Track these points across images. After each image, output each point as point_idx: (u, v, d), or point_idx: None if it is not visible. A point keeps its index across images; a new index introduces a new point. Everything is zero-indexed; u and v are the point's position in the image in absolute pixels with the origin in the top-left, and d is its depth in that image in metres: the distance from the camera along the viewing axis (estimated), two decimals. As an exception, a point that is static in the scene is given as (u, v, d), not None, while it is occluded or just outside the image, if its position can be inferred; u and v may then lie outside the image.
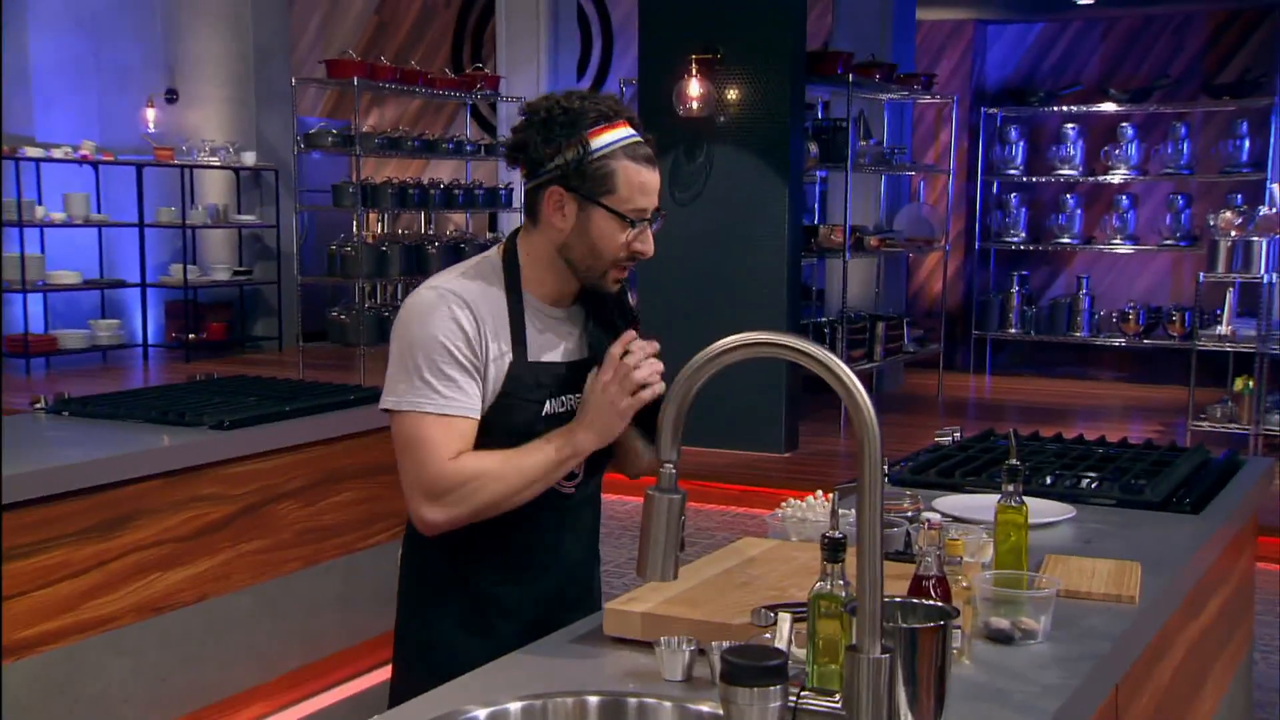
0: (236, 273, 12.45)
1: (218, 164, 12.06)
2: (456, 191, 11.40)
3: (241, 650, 4.08)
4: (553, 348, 2.48)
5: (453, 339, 2.37)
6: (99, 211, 11.43)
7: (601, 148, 2.36)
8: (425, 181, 11.31)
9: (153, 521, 3.76)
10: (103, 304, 11.84)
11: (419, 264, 10.75)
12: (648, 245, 2.42)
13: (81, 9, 11.40)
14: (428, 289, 2.44)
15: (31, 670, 3.48)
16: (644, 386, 2.38)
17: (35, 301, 11.13)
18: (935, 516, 2.16)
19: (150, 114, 11.95)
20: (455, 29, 15.33)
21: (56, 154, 10.88)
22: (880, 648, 1.55)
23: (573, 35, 12.56)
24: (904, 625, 1.68)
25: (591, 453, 2.47)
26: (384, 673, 4.57)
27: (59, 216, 10.97)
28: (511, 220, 12.08)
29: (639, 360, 2.38)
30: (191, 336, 11.89)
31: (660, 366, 2.41)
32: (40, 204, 10.91)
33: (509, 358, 2.41)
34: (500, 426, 2.41)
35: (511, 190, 11.92)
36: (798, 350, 1.62)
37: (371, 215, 10.80)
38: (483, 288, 2.44)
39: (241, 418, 4.09)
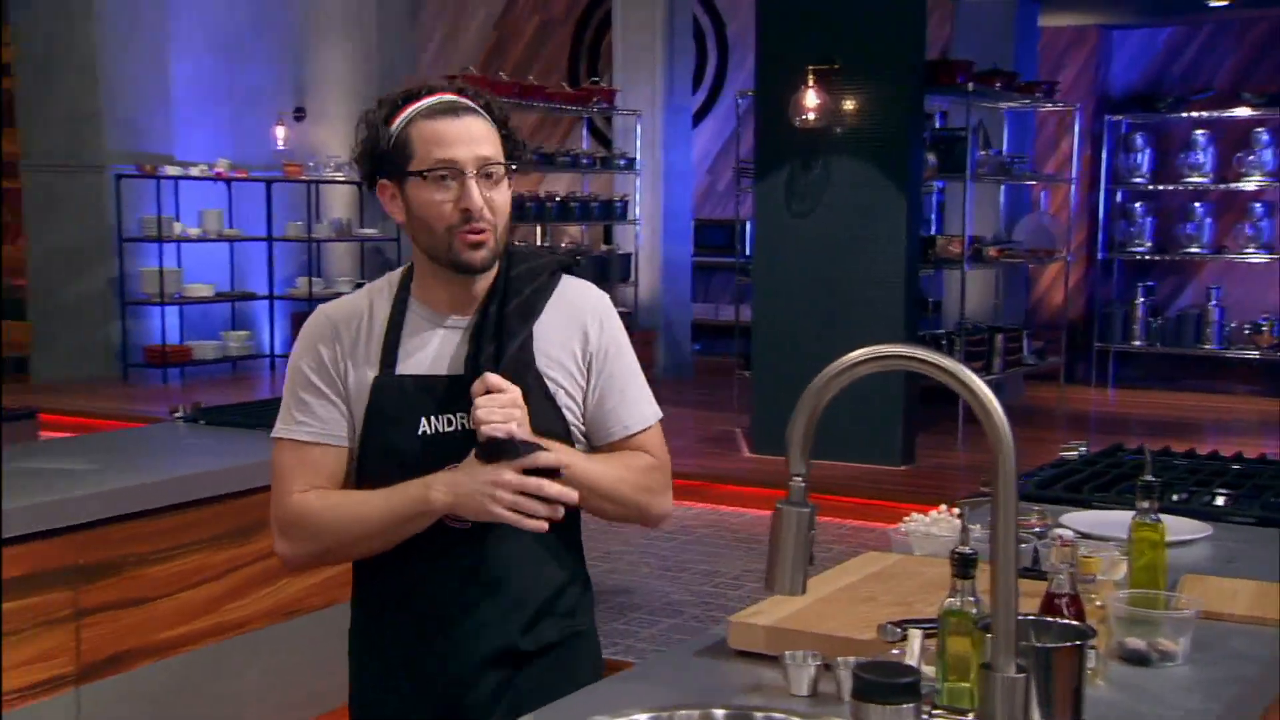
0: (358, 284, 12.56)
1: (342, 179, 12.24)
2: (573, 204, 11.44)
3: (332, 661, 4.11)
4: (432, 360, 2.22)
5: (308, 361, 2.24)
6: (231, 226, 11.66)
7: (399, 125, 2.17)
8: (542, 194, 11.36)
9: (277, 531, 3.84)
10: (233, 316, 12.07)
11: (537, 275, 10.77)
12: (472, 199, 2.12)
13: (218, 33, 11.65)
14: (321, 307, 2.32)
15: (172, 670, 3.56)
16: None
17: (172, 314, 11.37)
18: (1068, 533, 2.11)
19: (280, 131, 12.17)
20: (572, 44, 15.41)
21: (194, 171, 11.13)
22: (1015, 667, 1.51)
23: (688, 48, 12.56)
24: (1039, 644, 1.64)
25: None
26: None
27: (195, 232, 11.24)
28: (627, 232, 12.09)
29: (488, 410, 2.07)
30: (318, 348, 12.06)
31: (514, 415, 2.08)
32: (178, 220, 11.16)
33: (374, 374, 2.20)
34: (377, 450, 2.21)
35: (627, 202, 11.94)
36: (929, 363, 1.58)
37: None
38: (368, 303, 2.26)
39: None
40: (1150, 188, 12.11)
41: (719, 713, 1.87)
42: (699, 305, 13.18)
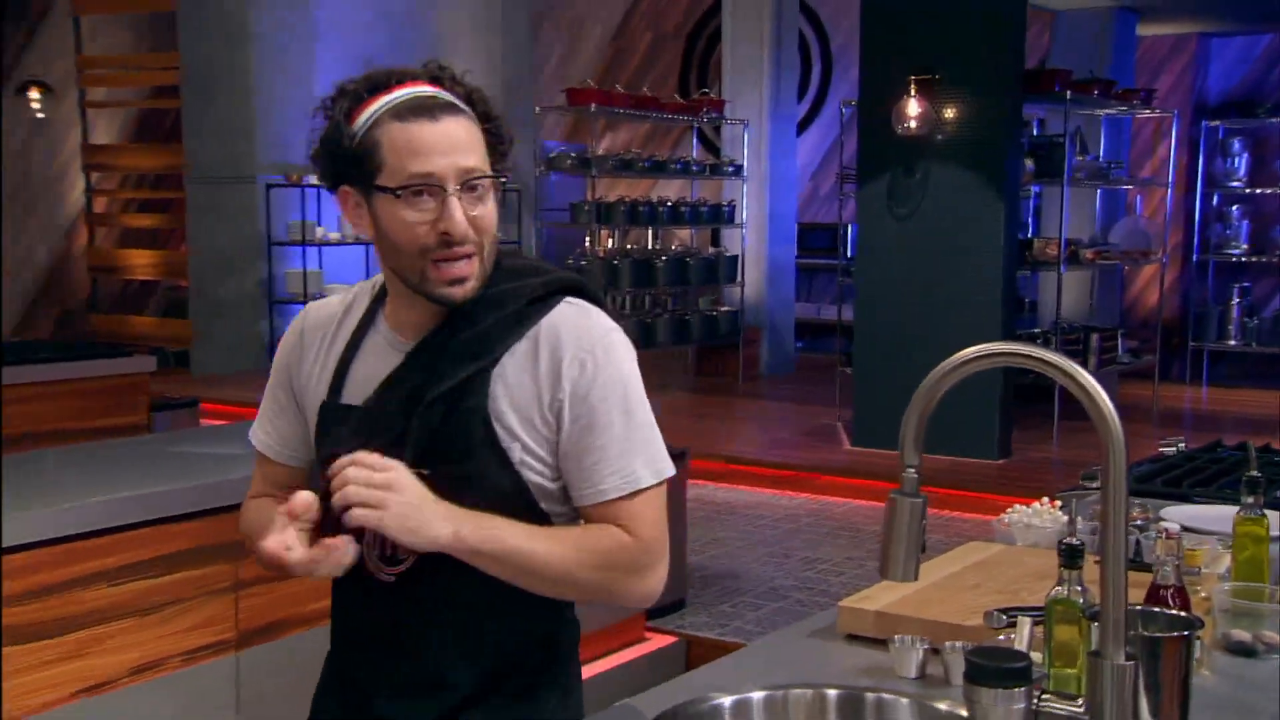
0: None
1: (466, 185, 12.34)
2: (683, 209, 11.44)
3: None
4: (371, 389, 1.80)
5: (276, 365, 1.94)
6: (365, 231, 11.84)
7: (364, 122, 1.73)
8: (654, 199, 11.37)
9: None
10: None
11: (647, 276, 10.83)
12: (453, 222, 1.68)
13: (358, 50, 11.79)
14: (309, 304, 2.00)
15: (318, 638, 3.54)
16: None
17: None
18: (1174, 526, 2.05)
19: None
20: (683, 57, 15.42)
21: (330, 180, 11.32)
22: (1124, 655, 1.48)
23: (794, 60, 12.49)
24: (1148, 633, 1.60)
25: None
26: (623, 656, 4.64)
27: (334, 236, 11.41)
28: (734, 235, 12.07)
29: (354, 476, 1.64)
30: (443, 343, 12.20)
31: (364, 495, 1.63)
32: (320, 225, 11.36)
33: (324, 396, 1.84)
34: (321, 476, 1.80)
35: (734, 206, 11.91)
36: (1042, 360, 1.55)
37: (604, 231, 10.90)
38: (343, 310, 1.90)
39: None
40: (1246, 191, 11.80)
41: (831, 692, 1.86)
42: (802, 305, 13.11)
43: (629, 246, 11.06)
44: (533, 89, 12.83)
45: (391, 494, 1.63)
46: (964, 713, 1.67)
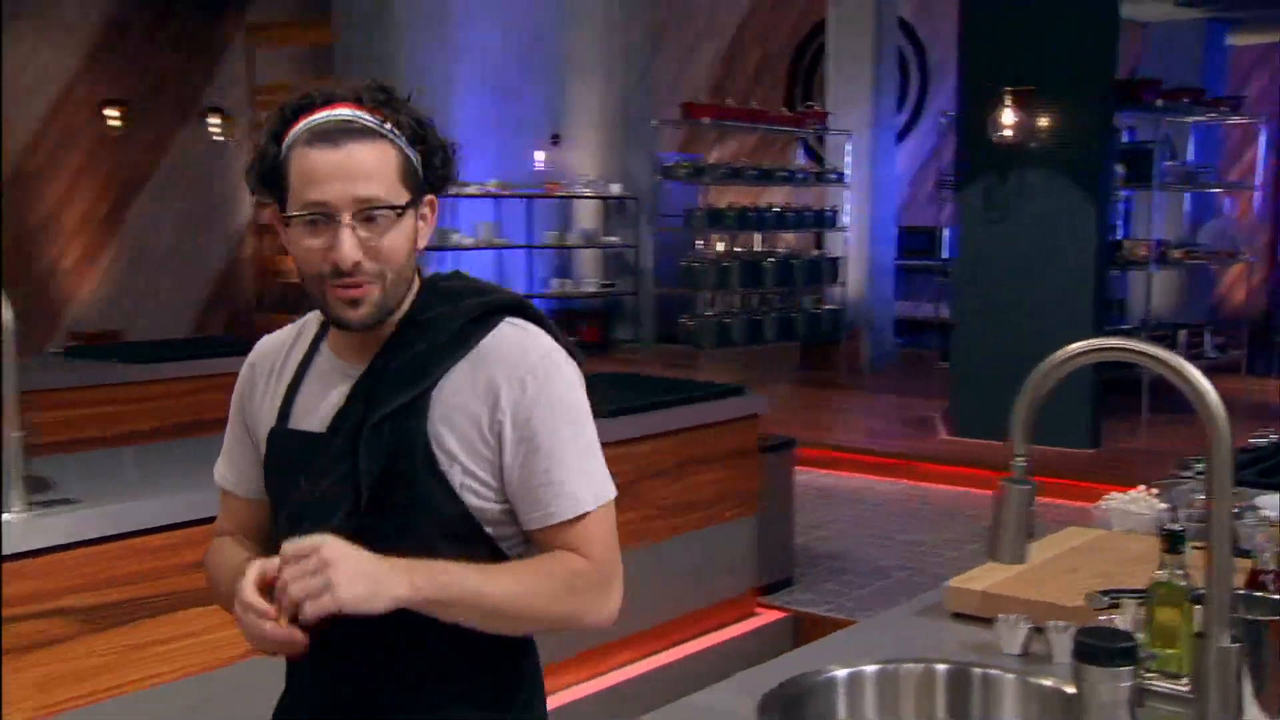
0: (603, 285, 12.79)
1: (590, 194, 12.41)
2: (788, 214, 11.38)
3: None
4: (320, 415, 1.65)
5: (233, 400, 1.78)
6: (500, 236, 11.95)
7: (286, 145, 1.58)
8: (762, 205, 11.31)
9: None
10: (498, 312, 12.33)
11: (755, 277, 10.80)
12: (340, 251, 1.53)
13: (492, 74, 11.93)
14: (263, 338, 1.81)
15: None
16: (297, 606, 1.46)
17: (447, 309, 11.72)
18: (1273, 514, 1.98)
19: (539, 155, 12.41)
20: (789, 72, 15.32)
21: (471, 190, 11.43)
22: (1229, 637, 1.42)
23: (893, 74, 12.33)
24: (1250, 617, 1.54)
25: None
26: (736, 629, 4.62)
27: (470, 240, 11.54)
28: (837, 238, 11.95)
29: (292, 576, 1.45)
30: (569, 338, 12.25)
31: (307, 587, 1.44)
32: (458, 231, 11.49)
33: (271, 423, 1.69)
34: (274, 502, 1.70)
35: (837, 211, 11.80)
36: (1148, 355, 1.50)
37: (715, 235, 10.87)
38: (291, 340, 1.75)
39: (617, 408, 4.17)
40: (1331, 193, 11.38)
41: (940, 667, 1.82)
42: (901, 303, 12.94)
43: (737, 249, 11.01)
44: (650, 104, 12.82)
45: (333, 570, 1.43)
46: (1068, 689, 1.63)
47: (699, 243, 10.76)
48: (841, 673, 1.79)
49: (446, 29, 11.51)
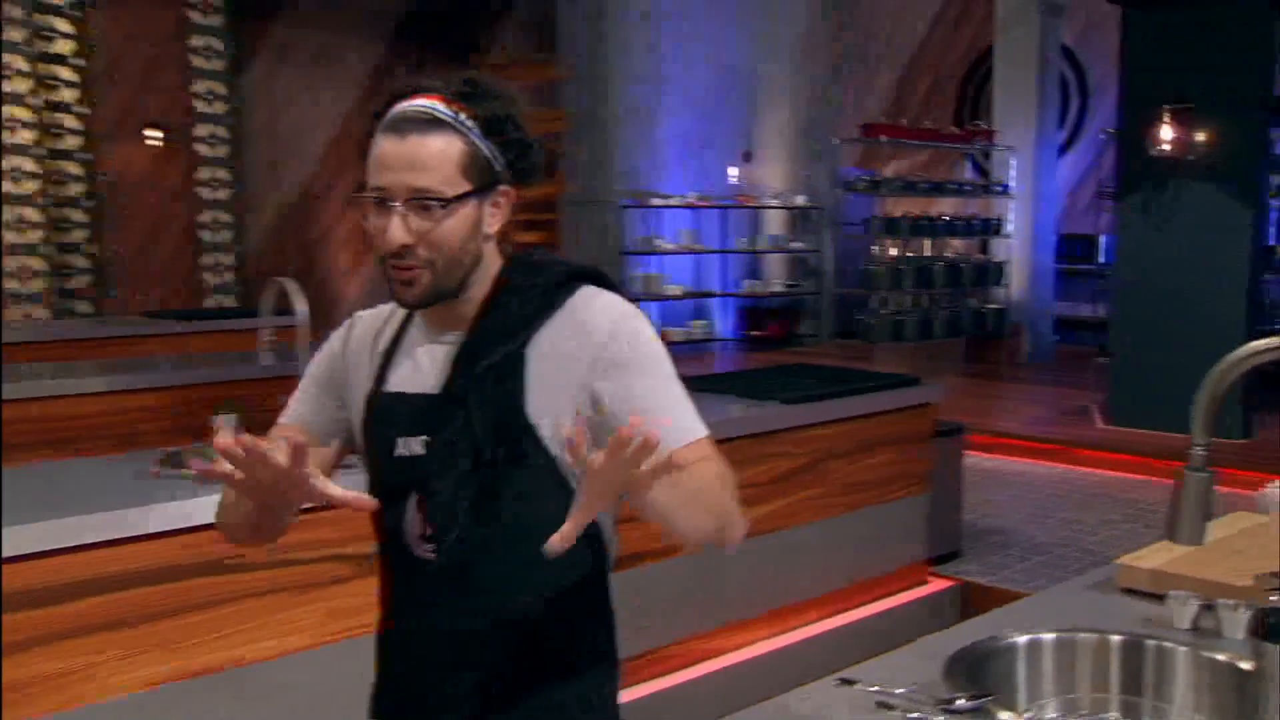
0: (788, 286, 12.69)
1: (777, 205, 12.33)
2: (957, 222, 11.10)
3: (801, 569, 4.12)
4: (414, 378, 1.57)
5: (319, 361, 1.68)
6: (697, 242, 11.99)
7: (379, 128, 1.51)
8: (933, 214, 11.07)
9: (740, 470, 3.84)
10: (696, 309, 12.40)
11: (926, 279, 10.58)
12: (388, 236, 1.47)
13: (692, 98, 11.98)
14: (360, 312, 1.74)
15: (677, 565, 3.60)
16: None
17: (656, 307, 11.79)
18: None
19: (733, 171, 12.40)
20: (958, 94, 14.87)
21: (673, 202, 11.52)
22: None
23: (1055, 95, 11.84)
24: None
25: (454, 495, 1.50)
26: (909, 595, 4.53)
27: (671, 246, 11.62)
28: (1001, 245, 11.57)
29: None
30: (756, 333, 12.23)
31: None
32: (661, 237, 11.58)
33: (368, 386, 1.60)
34: (369, 460, 1.60)
35: (1001, 220, 11.42)
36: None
37: (890, 241, 10.67)
38: (387, 315, 1.66)
39: (804, 395, 4.14)
40: None
41: (1114, 638, 1.75)
42: (1059, 303, 12.44)
43: (909, 254, 10.79)
44: (833, 125, 12.65)
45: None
46: (1241, 664, 1.54)
47: (875, 248, 10.58)
48: (1021, 639, 1.74)
49: (655, 63, 11.60)
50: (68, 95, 9.86)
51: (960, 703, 1.49)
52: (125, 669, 2.59)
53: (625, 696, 1.66)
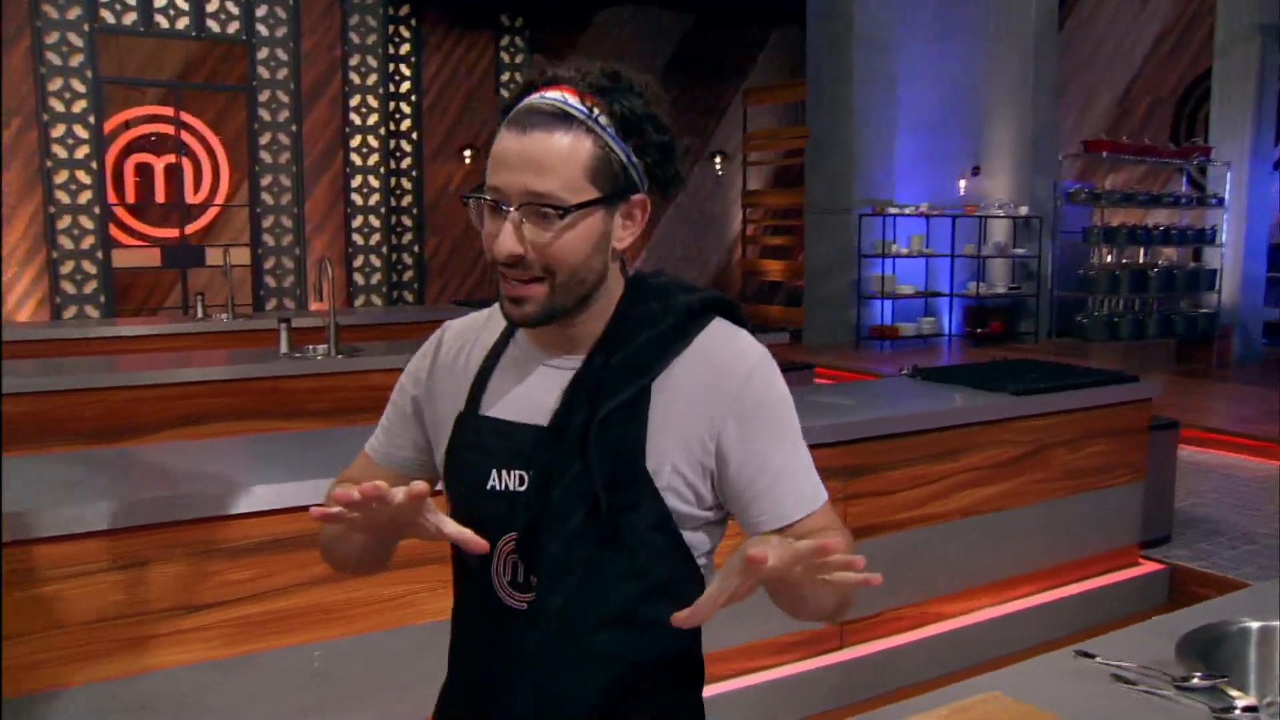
0: (1010, 288, 12.12)
1: (1001, 215, 11.77)
2: (1172, 232, 10.28)
3: (1022, 546, 3.97)
4: (520, 405, 1.19)
5: (407, 377, 1.31)
6: (927, 247, 11.63)
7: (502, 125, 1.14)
8: (1148, 224, 10.28)
9: (971, 454, 3.74)
10: (925, 307, 12.03)
11: (1141, 284, 9.87)
12: (498, 243, 1.11)
13: (926, 115, 11.61)
14: (449, 321, 1.35)
15: (902, 540, 3.53)
16: None
17: (888, 305, 11.51)
18: None
19: (961, 183, 11.93)
20: (1175, 112, 13.73)
21: (906, 211, 11.22)
22: None
23: (1272, 113, 10.74)
24: None
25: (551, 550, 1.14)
26: (1120, 575, 4.30)
27: (904, 250, 11.32)
28: (1214, 253, 10.61)
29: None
30: (979, 330, 11.76)
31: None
32: (894, 242, 11.31)
33: (461, 407, 1.23)
34: (452, 489, 1.23)
35: (1215, 229, 10.49)
36: None
37: (1107, 249, 9.99)
38: (482, 324, 1.29)
39: (1031, 388, 3.99)
40: None
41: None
42: (1269, 309, 11.30)
43: (1125, 261, 10.08)
44: (1055, 141, 11.95)
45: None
46: None
47: (1093, 256, 9.96)
48: (1254, 625, 1.64)
49: (892, 83, 11.32)
50: (405, 125, 10.68)
51: (1194, 681, 1.43)
52: (437, 599, 2.59)
53: (861, 651, 1.60)
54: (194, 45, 9.55)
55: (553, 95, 1.11)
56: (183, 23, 9.22)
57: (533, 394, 1.19)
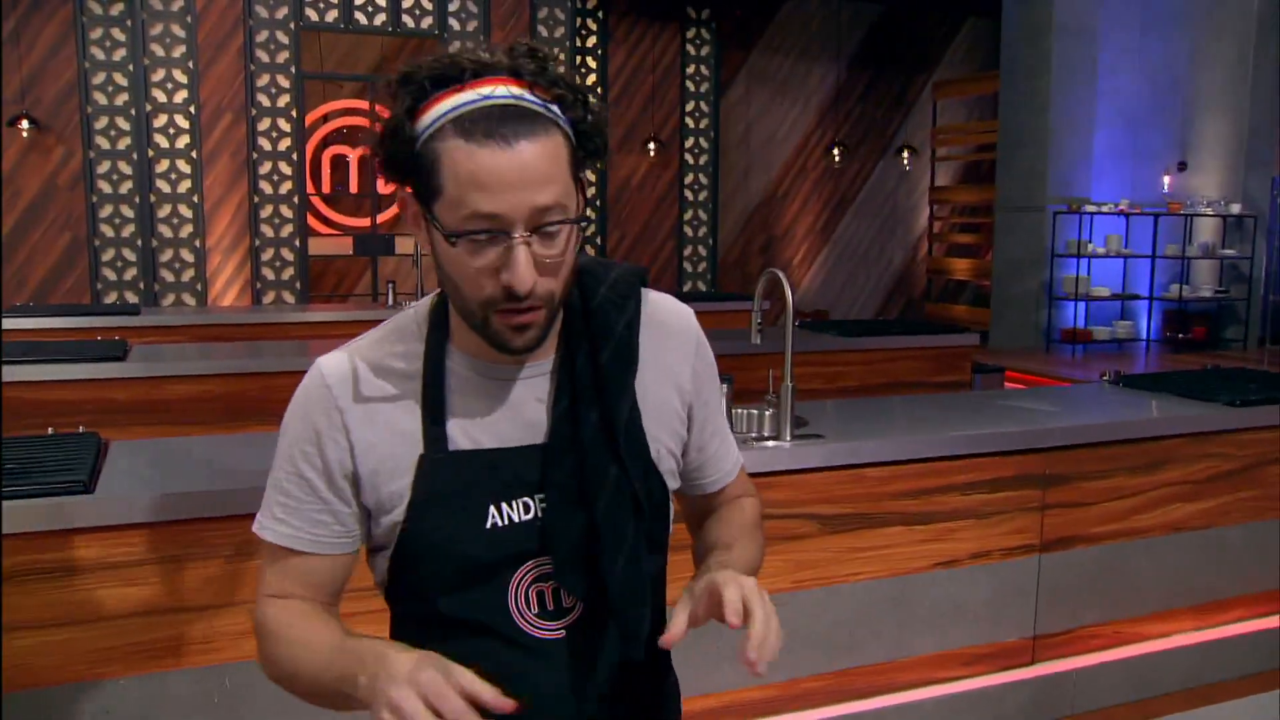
0: (1217, 291, 11.24)
1: (1210, 213, 10.94)
2: None
3: (1227, 568, 3.66)
4: (495, 428, 1.07)
5: (300, 443, 1.07)
6: (1125, 247, 10.95)
7: (425, 126, 0.97)
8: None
9: (1177, 467, 3.50)
10: (1122, 310, 11.33)
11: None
12: (517, 277, 0.97)
13: (1126, 110, 10.93)
14: (319, 362, 1.10)
15: (1109, 552, 3.36)
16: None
17: (1081, 307, 10.90)
18: None
19: (1166, 179, 11.15)
20: None
21: (1104, 209, 10.61)
22: None
23: None
24: None
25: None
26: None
27: (1100, 250, 10.70)
28: None
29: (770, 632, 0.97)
30: (1180, 336, 10.98)
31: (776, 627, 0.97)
32: (1090, 242, 10.72)
33: (417, 451, 1.05)
34: (427, 555, 1.05)
35: None
36: None
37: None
38: (389, 353, 1.08)
39: (1246, 399, 3.68)
40: None
41: None
42: None
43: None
44: (1274, 134, 10.98)
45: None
46: None
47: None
48: None
49: (1092, 75, 10.70)
50: (592, 118, 10.85)
51: None
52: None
53: (1053, 668, 1.55)
54: (389, 40, 10.06)
55: (506, 90, 0.98)
56: (380, 19, 9.73)
57: (509, 412, 1.07)
